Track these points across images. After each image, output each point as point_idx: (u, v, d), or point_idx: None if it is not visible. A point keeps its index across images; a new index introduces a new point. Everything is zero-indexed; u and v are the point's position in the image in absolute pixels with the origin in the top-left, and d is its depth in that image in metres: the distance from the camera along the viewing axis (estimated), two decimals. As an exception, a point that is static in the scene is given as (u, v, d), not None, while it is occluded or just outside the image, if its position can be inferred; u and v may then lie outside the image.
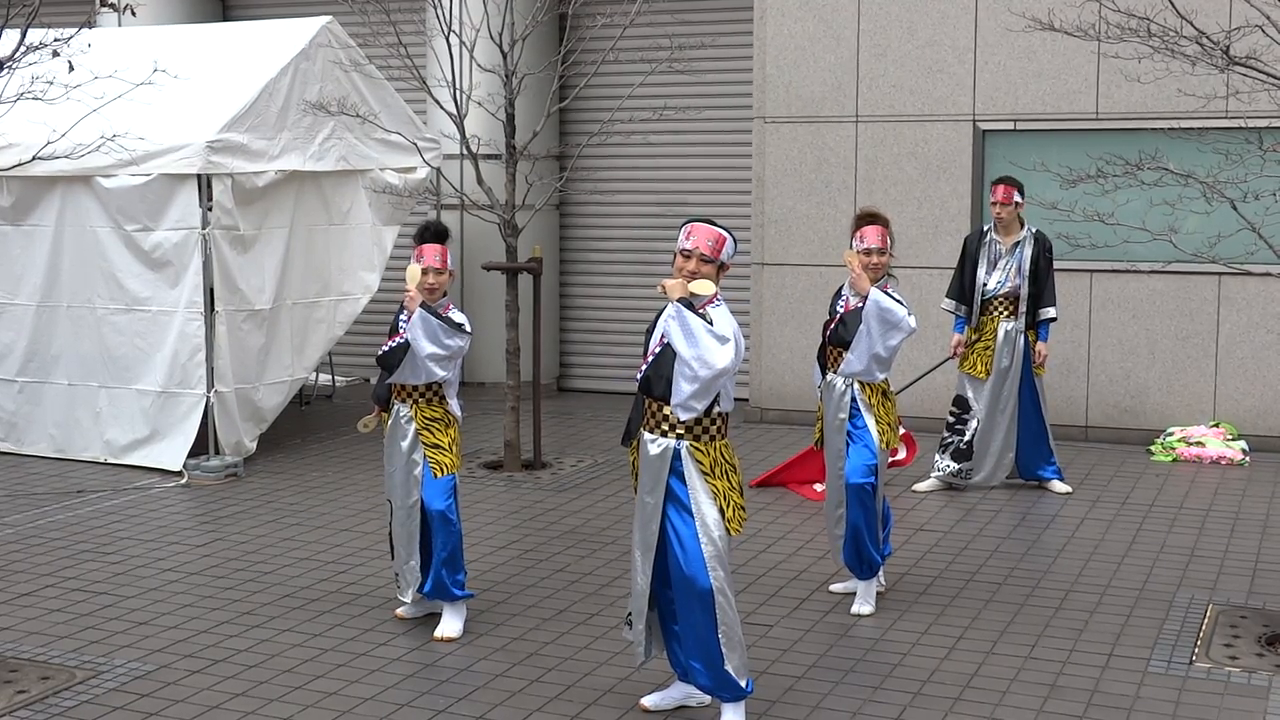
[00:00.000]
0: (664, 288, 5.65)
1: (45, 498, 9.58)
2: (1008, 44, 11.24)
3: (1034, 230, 9.59)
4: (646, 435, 5.78)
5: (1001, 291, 9.59)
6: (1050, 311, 9.61)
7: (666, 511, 5.73)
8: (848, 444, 7.31)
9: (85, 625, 7.06)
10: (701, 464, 5.71)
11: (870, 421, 7.29)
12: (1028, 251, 9.55)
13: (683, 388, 5.57)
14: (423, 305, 6.73)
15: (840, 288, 7.53)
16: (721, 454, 5.77)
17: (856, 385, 7.31)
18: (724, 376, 5.56)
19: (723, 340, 5.51)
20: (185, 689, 6.24)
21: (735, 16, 12.83)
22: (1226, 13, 9.54)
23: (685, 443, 5.71)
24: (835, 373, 7.37)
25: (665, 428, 5.71)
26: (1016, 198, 9.53)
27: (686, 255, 5.70)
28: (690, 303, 5.59)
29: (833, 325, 7.37)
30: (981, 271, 9.62)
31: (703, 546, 5.68)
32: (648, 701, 6.02)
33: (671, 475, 5.70)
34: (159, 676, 6.38)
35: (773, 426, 11.85)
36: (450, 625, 6.90)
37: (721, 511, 5.71)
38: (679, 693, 6.02)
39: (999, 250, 9.61)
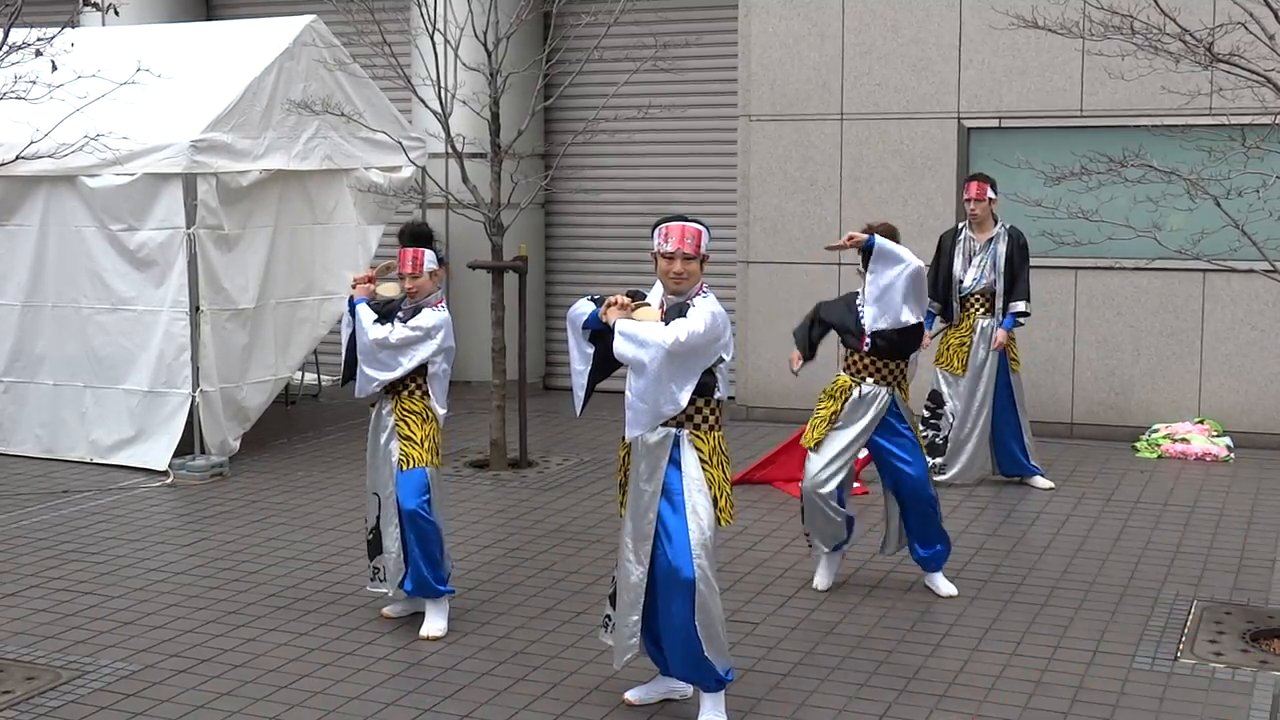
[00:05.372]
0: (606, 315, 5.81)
1: (30, 498, 9.56)
2: (992, 41, 11.25)
3: (1007, 226, 9.62)
4: None
5: (978, 288, 9.63)
6: (1019, 305, 9.60)
7: (658, 501, 5.74)
8: (895, 449, 7.38)
9: (70, 625, 7.05)
10: (700, 451, 5.73)
11: (911, 428, 7.44)
12: (1001, 248, 9.59)
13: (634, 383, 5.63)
14: (364, 301, 7.13)
15: (854, 296, 7.51)
16: (719, 444, 5.79)
17: (897, 393, 7.36)
18: (662, 360, 5.54)
19: (640, 344, 5.58)
20: (170, 689, 6.23)
21: (720, 15, 12.83)
22: (1210, 10, 9.56)
23: (685, 431, 5.72)
24: (872, 381, 7.36)
25: None
26: (990, 194, 9.57)
27: (669, 258, 5.73)
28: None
29: (867, 338, 7.31)
30: (958, 268, 9.66)
31: (690, 535, 5.69)
32: (631, 696, 6.04)
33: (669, 463, 5.71)
34: (144, 676, 6.37)
35: (759, 424, 11.86)
36: (434, 624, 6.89)
37: (715, 501, 5.72)
38: (662, 687, 6.03)
39: (974, 246, 9.65)
